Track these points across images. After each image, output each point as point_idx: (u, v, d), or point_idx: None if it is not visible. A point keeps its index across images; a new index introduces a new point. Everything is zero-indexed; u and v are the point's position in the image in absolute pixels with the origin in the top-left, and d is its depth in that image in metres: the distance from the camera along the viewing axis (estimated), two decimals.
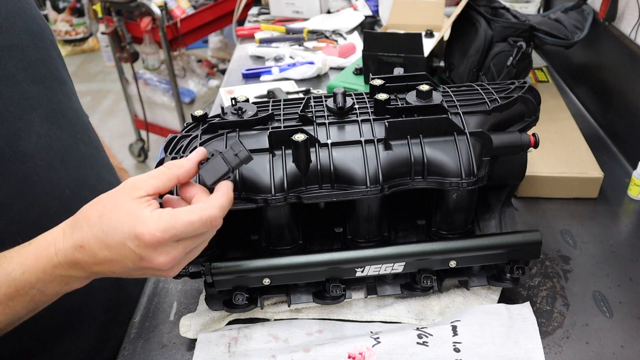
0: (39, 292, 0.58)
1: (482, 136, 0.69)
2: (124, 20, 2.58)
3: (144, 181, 0.57)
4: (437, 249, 0.72)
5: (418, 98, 0.72)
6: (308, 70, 1.46)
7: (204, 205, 0.56)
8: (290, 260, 0.72)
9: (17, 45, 0.70)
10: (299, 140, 0.64)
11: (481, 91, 0.76)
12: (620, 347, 0.71)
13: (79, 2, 4.55)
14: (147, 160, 3.17)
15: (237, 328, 0.75)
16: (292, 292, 0.76)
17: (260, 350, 0.72)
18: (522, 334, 0.71)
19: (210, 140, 0.70)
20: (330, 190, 0.68)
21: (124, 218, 0.54)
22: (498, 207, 0.80)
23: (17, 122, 0.68)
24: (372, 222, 0.74)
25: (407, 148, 0.68)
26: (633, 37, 1.09)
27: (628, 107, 1.08)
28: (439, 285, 0.76)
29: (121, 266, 0.57)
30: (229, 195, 0.59)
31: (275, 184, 0.66)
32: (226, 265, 0.71)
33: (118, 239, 0.54)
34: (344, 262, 0.72)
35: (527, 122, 0.76)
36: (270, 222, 0.73)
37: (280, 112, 0.75)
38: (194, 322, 0.76)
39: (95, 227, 0.55)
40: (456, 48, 1.22)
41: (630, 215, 0.95)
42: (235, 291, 0.73)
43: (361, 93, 0.79)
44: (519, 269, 0.73)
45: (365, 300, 0.78)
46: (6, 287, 0.57)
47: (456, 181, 0.67)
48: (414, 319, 0.75)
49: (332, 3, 1.94)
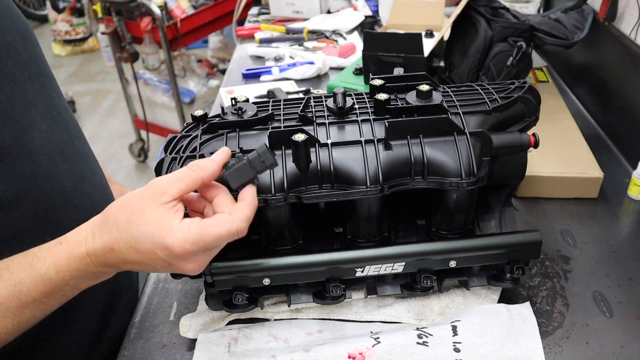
0: (72, 288, 0.61)
1: (482, 136, 0.69)
2: (124, 20, 2.58)
3: (169, 185, 0.58)
4: (437, 249, 0.72)
5: (418, 98, 0.72)
6: (308, 70, 1.46)
7: (232, 218, 0.58)
8: (291, 260, 0.72)
9: (12, 45, 0.71)
10: (299, 140, 0.64)
11: (481, 91, 0.76)
12: (620, 347, 0.71)
13: (79, 2, 4.56)
14: (147, 160, 3.17)
15: (237, 328, 0.75)
16: (292, 292, 0.76)
17: (260, 350, 0.72)
18: (522, 334, 0.71)
19: (210, 141, 0.70)
20: (331, 191, 0.67)
21: (153, 227, 0.56)
22: (498, 207, 0.80)
23: (21, 119, 0.69)
24: (372, 222, 0.74)
25: (407, 148, 0.68)
26: (633, 37, 1.09)
27: (628, 107, 1.08)
28: (439, 285, 0.76)
29: (150, 267, 0.60)
30: (254, 204, 0.61)
31: (275, 184, 0.66)
32: (226, 265, 0.71)
33: (148, 247, 0.56)
34: (344, 262, 0.72)
35: (527, 122, 0.76)
36: (270, 222, 0.73)
37: (280, 112, 0.75)
38: (194, 322, 0.76)
39: (124, 232, 0.57)
40: (456, 48, 1.22)
41: (630, 215, 0.95)
42: (235, 291, 0.73)
43: (361, 93, 0.79)
44: (519, 269, 0.73)
45: (365, 300, 0.78)
46: (42, 286, 0.59)
47: (456, 181, 0.67)
48: (414, 319, 0.75)
49: (332, 3, 1.94)
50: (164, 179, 0.58)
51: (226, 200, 0.60)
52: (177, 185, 0.58)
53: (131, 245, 0.57)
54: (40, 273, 0.58)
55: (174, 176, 0.58)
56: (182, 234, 0.56)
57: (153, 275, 0.88)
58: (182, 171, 0.59)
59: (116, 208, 0.58)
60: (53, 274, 0.58)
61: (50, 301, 0.61)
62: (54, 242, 0.60)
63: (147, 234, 0.56)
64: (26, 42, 0.75)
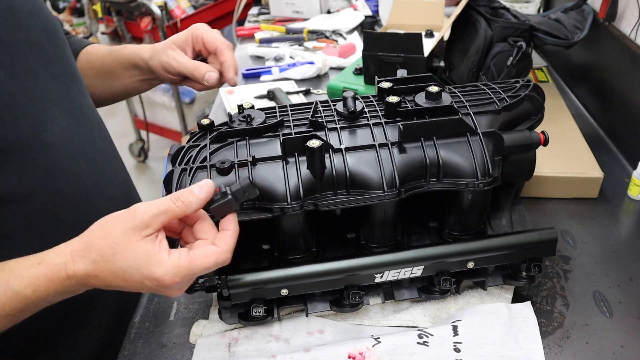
0: (47, 303, 0.61)
1: (494, 136, 0.69)
2: (124, 20, 2.58)
3: (152, 217, 0.58)
4: (457, 250, 0.72)
5: (427, 99, 0.71)
6: (308, 70, 1.46)
7: (219, 250, 0.59)
8: (310, 269, 0.70)
9: (36, 42, 0.72)
10: (314, 146, 0.63)
11: (488, 90, 0.76)
12: (620, 347, 0.71)
13: (79, 2, 4.55)
14: (147, 160, 3.17)
15: (238, 328, 0.75)
16: (309, 301, 0.75)
17: (260, 350, 0.72)
18: (523, 333, 0.71)
19: (219, 150, 0.69)
20: (347, 196, 0.66)
21: (142, 261, 0.57)
22: (508, 206, 0.79)
23: (41, 115, 0.70)
24: (388, 227, 0.72)
25: (421, 150, 0.67)
26: (633, 37, 1.09)
27: (628, 107, 1.08)
28: (457, 287, 0.75)
29: (135, 290, 0.61)
30: (237, 233, 0.61)
31: (291, 192, 0.64)
32: (243, 277, 0.69)
33: (137, 278, 0.58)
34: (363, 269, 0.70)
35: (534, 120, 0.76)
36: (285, 231, 0.71)
37: (289, 118, 0.74)
38: (206, 332, 0.75)
39: (110, 264, 0.57)
40: (456, 48, 1.22)
41: (630, 215, 0.95)
42: (253, 303, 0.71)
43: (368, 96, 0.78)
44: (536, 267, 0.73)
45: (381, 305, 0.77)
46: (17, 302, 0.59)
47: (472, 182, 0.67)
48: (430, 322, 0.75)
49: (332, 3, 1.94)
50: (147, 210, 0.58)
51: (208, 227, 0.61)
52: (160, 218, 0.58)
53: (117, 275, 0.58)
54: (16, 291, 0.58)
55: (157, 209, 0.58)
56: (172, 268, 0.57)
57: None
58: (166, 204, 0.58)
59: (98, 237, 0.58)
60: (30, 292, 0.58)
61: (24, 315, 0.61)
62: (32, 261, 0.59)
63: (136, 267, 0.57)
64: (52, 41, 0.76)
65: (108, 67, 0.90)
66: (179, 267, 0.57)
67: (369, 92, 1.13)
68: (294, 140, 0.66)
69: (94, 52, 0.93)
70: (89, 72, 0.91)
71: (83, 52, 0.93)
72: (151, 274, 0.57)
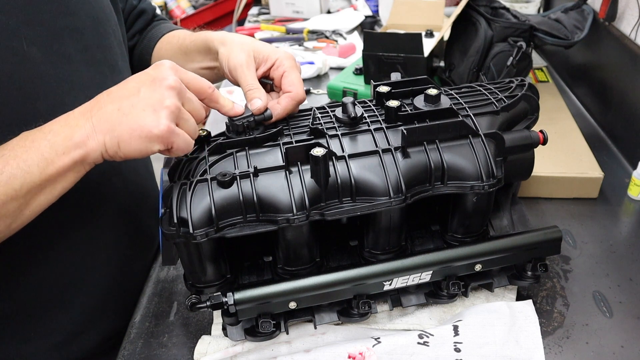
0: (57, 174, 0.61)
1: (496, 137, 0.68)
2: None
3: (175, 68, 0.63)
4: (465, 254, 0.71)
5: (427, 102, 0.71)
6: (308, 70, 1.46)
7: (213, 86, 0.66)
8: (318, 280, 0.68)
9: (79, 29, 0.74)
10: (319, 154, 0.61)
11: (485, 91, 0.76)
12: (620, 347, 0.71)
13: None
14: None
15: (242, 342, 0.75)
16: (316, 312, 0.73)
17: (261, 351, 0.72)
18: (524, 332, 0.71)
19: (218, 162, 0.67)
20: (354, 204, 0.65)
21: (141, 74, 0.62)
22: (507, 206, 0.79)
23: (65, 97, 0.72)
24: (393, 233, 0.71)
25: (424, 155, 0.66)
26: (633, 37, 1.09)
27: (628, 107, 1.08)
28: (465, 290, 0.74)
29: (130, 104, 0.59)
30: None
31: (296, 202, 0.63)
32: (250, 292, 0.67)
33: (133, 82, 0.60)
34: (373, 277, 0.69)
35: (530, 120, 0.76)
36: (289, 243, 0.69)
37: (288, 126, 0.72)
38: (210, 350, 0.74)
39: (111, 91, 0.62)
40: (456, 48, 1.22)
41: (630, 215, 0.95)
42: (261, 318, 0.68)
43: (365, 100, 0.77)
44: (542, 266, 0.73)
45: (388, 311, 0.76)
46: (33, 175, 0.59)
47: (478, 184, 0.66)
48: (436, 325, 0.74)
49: (332, 3, 1.94)
50: None
51: None
52: (183, 74, 0.63)
53: (112, 91, 0.61)
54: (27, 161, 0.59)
55: None
56: None
57: (153, 275, 0.88)
58: None
59: None
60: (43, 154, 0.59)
61: (38, 196, 0.60)
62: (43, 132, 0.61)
63: (133, 77, 0.61)
64: (97, 30, 0.78)
65: (185, 48, 0.89)
66: None
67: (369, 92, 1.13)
68: (296, 149, 0.64)
69: (176, 34, 0.94)
70: (167, 53, 0.92)
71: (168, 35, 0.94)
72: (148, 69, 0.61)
